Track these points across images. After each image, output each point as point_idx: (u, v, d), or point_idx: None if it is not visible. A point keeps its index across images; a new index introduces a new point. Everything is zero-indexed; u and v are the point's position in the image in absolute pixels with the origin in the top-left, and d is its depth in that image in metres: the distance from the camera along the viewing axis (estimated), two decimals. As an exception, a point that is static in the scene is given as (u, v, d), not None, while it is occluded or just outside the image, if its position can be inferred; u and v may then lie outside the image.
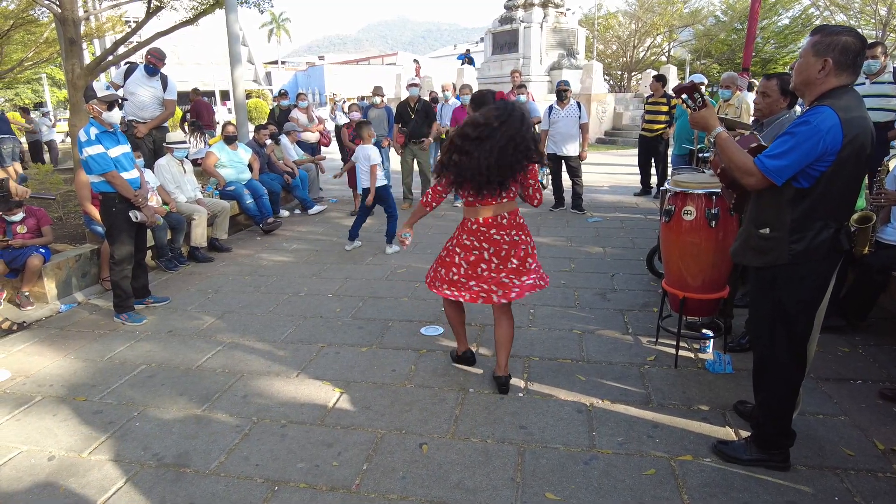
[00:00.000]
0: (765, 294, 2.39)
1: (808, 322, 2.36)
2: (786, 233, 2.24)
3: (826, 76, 2.15)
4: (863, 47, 2.12)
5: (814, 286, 2.30)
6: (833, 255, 2.26)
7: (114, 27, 12.81)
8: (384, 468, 2.57)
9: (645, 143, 8.58)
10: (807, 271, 2.27)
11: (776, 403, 2.46)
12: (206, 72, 37.30)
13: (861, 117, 2.11)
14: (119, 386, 3.39)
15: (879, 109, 5.32)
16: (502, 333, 3.19)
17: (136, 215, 4.35)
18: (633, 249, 5.95)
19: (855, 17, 23.05)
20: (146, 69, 6.30)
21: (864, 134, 2.11)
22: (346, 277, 5.30)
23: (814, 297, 2.33)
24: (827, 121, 2.07)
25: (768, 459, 2.51)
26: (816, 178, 2.15)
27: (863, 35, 2.22)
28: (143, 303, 4.67)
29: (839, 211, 2.22)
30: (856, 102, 2.15)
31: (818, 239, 2.21)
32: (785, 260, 2.26)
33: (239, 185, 6.96)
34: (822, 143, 2.07)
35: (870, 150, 2.14)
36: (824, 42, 2.14)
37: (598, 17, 28.98)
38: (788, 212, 2.23)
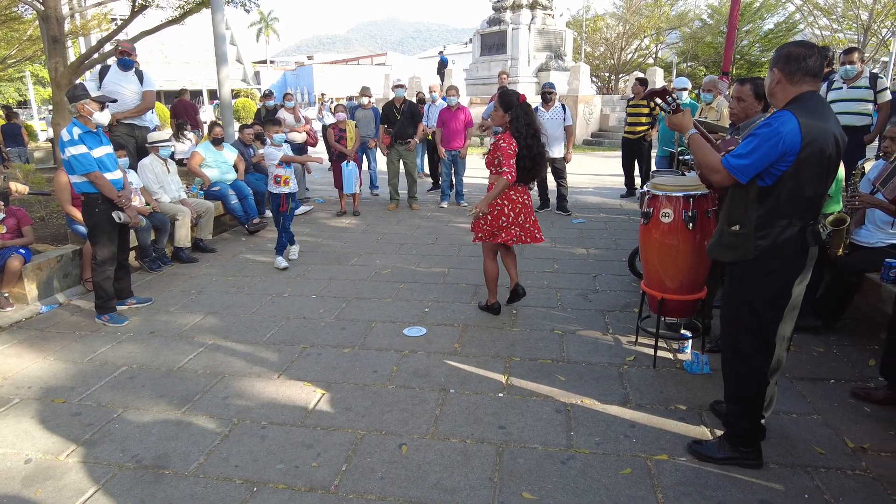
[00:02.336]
0: (734, 288, 2.51)
1: (773, 316, 2.44)
2: (752, 229, 2.36)
3: (781, 85, 2.32)
4: (809, 53, 2.24)
5: (779, 282, 2.40)
6: (799, 252, 2.36)
7: (99, 25, 12.69)
8: (363, 469, 2.58)
9: (628, 144, 8.66)
10: (773, 267, 2.38)
11: (743, 395, 2.54)
12: (195, 71, 37.02)
13: (821, 123, 2.22)
14: (99, 388, 3.38)
15: (856, 113, 5.43)
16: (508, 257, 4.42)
17: (120, 216, 4.33)
18: (615, 250, 6.01)
19: (837, 21, 23.40)
20: (120, 64, 6.21)
21: (822, 138, 2.21)
22: (331, 278, 5.30)
23: (779, 293, 2.41)
24: (787, 124, 2.19)
25: (741, 457, 2.56)
26: (778, 178, 2.27)
27: (811, 42, 2.36)
28: (126, 304, 4.65)
29: (802, 210, 2.31)
30: (819, 108, 2.26)
31: (783, 236, 2.32)
32: (752, 255, 2.38)
33: (224, 186, 6.93)
34: (781, 144, 2.19)
35: (831, 153, 2.24)
36: (774, 56, 2.35)
37: (585, 19, 29.18)
38: (754, 209, 2.35)
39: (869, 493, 2.38)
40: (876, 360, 3.47)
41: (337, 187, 8.12)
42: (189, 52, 38.38)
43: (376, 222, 7.64)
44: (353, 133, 7.94)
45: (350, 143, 7.88)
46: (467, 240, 6.55)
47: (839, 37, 23.48)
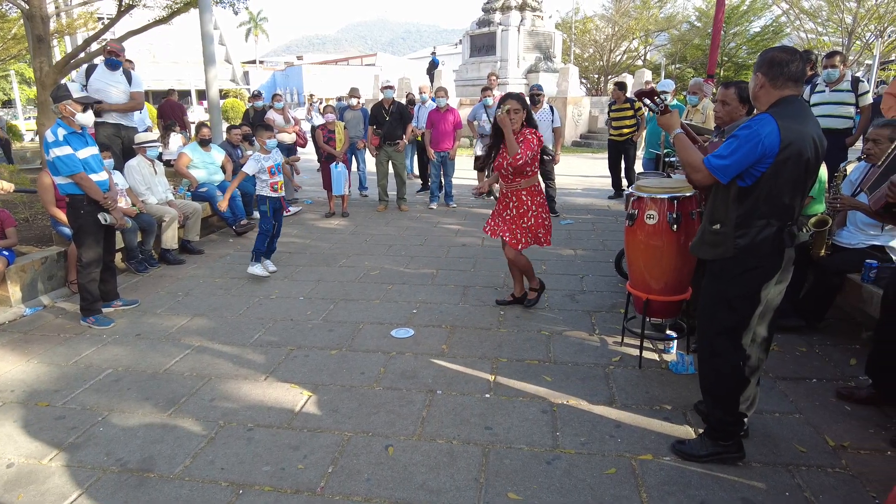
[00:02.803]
0: (712, 285, 2.57)
1: (749, 313, 2.50)
2: (731, 228, 2.42)
3: (764, 89, 2.37)
4: (791, 58, 2.30)
5: (756, 280, 2.45)
6: (776, 252, 2.41)
7: (85, 24, 12.57)
8: (349, 470, 2.59)
9: (615, 146, 8.72)
10: (751, 265, 2.43)
11: (719, 388, 2.59)
12: (183, 71, 36.74)
13: (800, 126, 2.28)
14: (83, 391, 3.35)
15: (838, 116, 5.50)
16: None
17: (106, 218, 4.30)
18: (603, 251, 6.05)
19: (822, 24, 23.68)
20: (107, 63, 6.17)
21: (800, 141, 2.26)
22: (318, 280, 5.29)
23: (755, 290, 2.46)
24: (766, 127, 2.25)
25: (723, 451, 2.60)
26: (757, 179, 2.33)
27: (795, 48, 2.41)
28: (112, 306, 4.61)
29: (780, 211, 2.36)
30: (799, 112, 2.31)
31: (761, 236, 2.38)
32: (731, 253, 2.44)
33: (211, 187, 6.90)
34: (760, 146, 2.25)
35: (809, 157, 2.29)
36: (758, 60, 2.40)
37: (574, 20, 29.30)
38: (734, 209, 2.41)
39: (848, 490, 2.42)
40: (857, 360, 3.53)
41: (326, 188, 8.11)
42: (177, 52, 38.09)
43: (365, 223, 7.64)
44: (342, 134, 7.93)
45: (339, 145, 7.87)
46: (456, 241, 6.58)
47: (824, 40, 23.78)
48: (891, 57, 22.59)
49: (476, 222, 7.53)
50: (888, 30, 21.98)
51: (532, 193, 4.20)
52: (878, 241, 3.73)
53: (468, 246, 6.37)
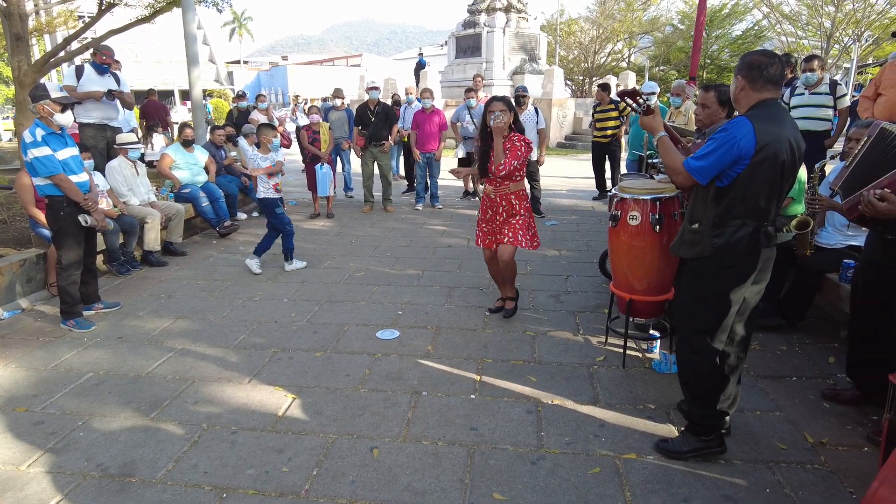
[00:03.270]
0: (690, 283, 2.63)
1: (724, 311, 2.54)
2: (709, 228, 2.47)
3: (745, 92, 2.42)
4: (770, 62, 2.36)
5: (732, 279, 2.49)
6: (751, 252, 2.45)
7: (65, 22, 12.40)
8: (334, 473, 2.58)
9: (599, 147, 8.77)
10: (727, 264, 2.48)
11: (698, 385, 2.64)
12: (167, 70, 36.29)
13: (776, 129, 2.32)
14: (63, 395, 3.30)
15: (816, 119, 5.60)
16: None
17: (87, 219, 4.24)
18: (587, 252, 6.09)
19: (802, 28, 24.06)
20: (96, 67, 6.12)
21: (776, 143, 2.31)
22: (303, 281, 5.27)
23: (731, 289, 2.50)
24: (742, 129, 2.31)
25: (704, 447, 2.64)
26: (734, 179, 2.38)
27: (775, 52, 2.48)
28: (93, 309, 4.55)
29: (756, 211, 2.41)
30: (776, 115, 2.36)
31: (737, 235, 2.42)
32: (708, 252, 2.49)
33: (195, 188, 6.83)
34: (736, 147, 2.30)
35: (785, 158, 2.33)
36: (738, 64, 2.46)
37: (559, 22, 29.46)
38: (712, 209, 2.46)
39: (827, 486, 2.46)
40: (835, 358, 3.59)
41: (310, 189, 8.07)
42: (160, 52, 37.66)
43: (350, 224, 7.61)
44: (327, 135, 7.90)
45: (324, 145, 7.83)
46: (442, 242, 6.58)
47: (804, 43, 24.16)
48: (868, 61, 23.01)
49: (462, 223, 7.54)
50: (865, 34, 22.40)
51: (520, 197, 4.15)
52: (856, 241, 3.80)
53: (454, 247, 6.38)
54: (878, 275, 2.80)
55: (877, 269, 2.80)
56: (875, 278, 2.82)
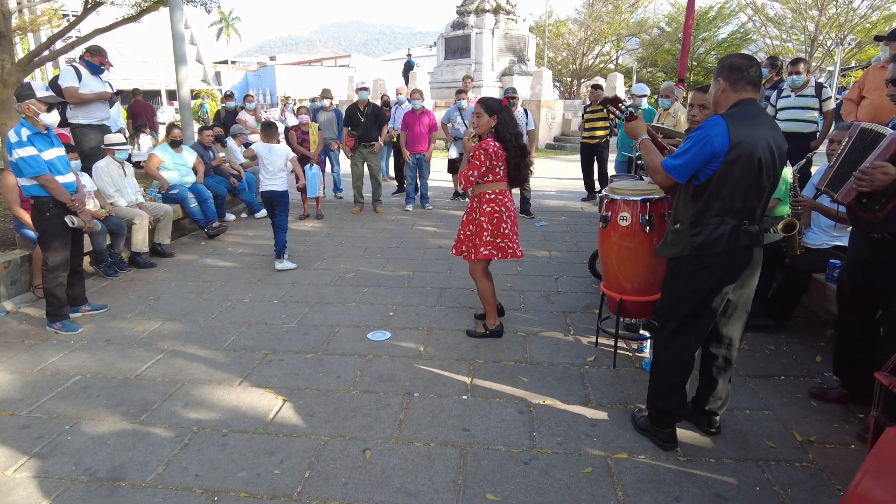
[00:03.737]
0: (669, 281, 2.70)
1: (702, 311, 2.60)
2: (688, 226, 2.52)
3: (725, 94, 2.47)
4: (750, 64, 2.43)
5: (711, 277, 2.54)
6: (731, 251, 2.49)
7: (49, 21, 12.23)
8: (326, 475, 2.56)
9: (587, 148, 8.81)
10: (706, 263, 2.53)
11: (665, 378, 2.71)
12: (153, 70, 35.95)
13: (751, 128, 2.37)
14: (50, 399, 3.25)
15: (803, 121, 5.67)
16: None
17: (73, 220, 4.19)
18: (577, 253, 6.12)
19: (787, 32, 24.36)
20: (92, 68, 6.07)
21: (750, 142, 2.36)
22: (293, 283, 5.24)
23: (709, 287, 2.56)
24: (716, 128, 2.37)
25: (652, 434, 2.77)
26: (709, 177, 2.43)
27: (750, 55, 2.52)
28: (79, 311, 4.49)
29: (734, 210, 2.45)
30: (752, 115, 2.40)
31: (715, 234, 2.46)
32: (688, 252, 2.53)
33: (183, 189, 6.78)
34: (709, 145, 2.36)
35: (761, 157, 2.37)
36: (718, 67, 2.52)
37: (548, 24, 29.57)
38: (690, 207, 2.52)
39: (815, 483, 2.49)
40: (822, 357, 3.64)
41: (299, 190, 8.03)
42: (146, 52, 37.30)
43: (340, 225, 7.59)
44: (316, 135, 7.87)
45: (313, 146, 7.80)
46: (432, 243, 6.58)
47: (788, 46, 24.46)
48: (850, 64, 23.34)
49: (452, 224, 7.54)
50: (848, 38, 22.72)
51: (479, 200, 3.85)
52: (841, 241, 3.86)
53: (444, 248, 6.37)
54: (864, 274, 2.84)
55: (863, 268, 2.84)
56: (861, 278, 2.86)
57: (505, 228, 3.83)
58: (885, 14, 21.65)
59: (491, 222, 3.81)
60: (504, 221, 3.83)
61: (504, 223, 3.83)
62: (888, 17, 21.51)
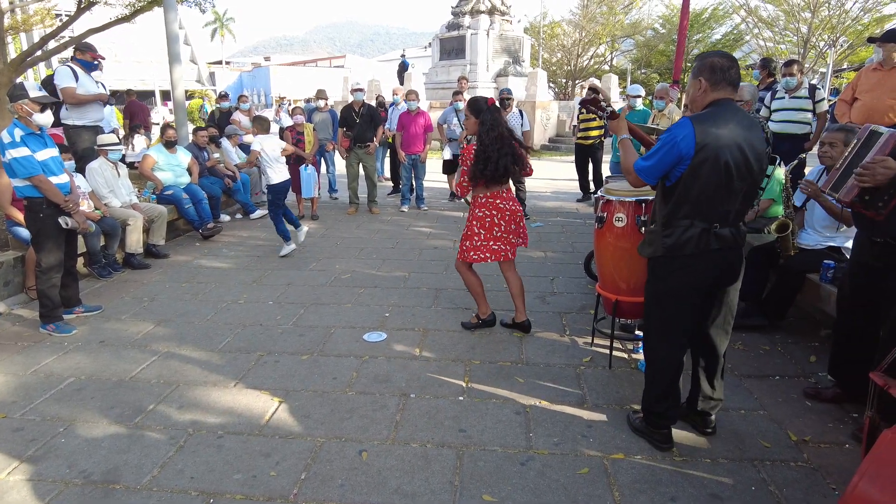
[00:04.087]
0: (649, 281, 2.71)
1: (676, 312, 2.61)
2: (660, 227, 2.55)
3: (704, 93, 2.46)
4: (731, 64, 2.42)
5: (682, 279, 2.56)
6: (701, 253, 2.49)
7: (42, 21, 12.16)
8: (323, 476, 2.56)
9: (582, 149, 8.82)
10: (677, 265, 2.55)
11: (657, 379, 2.73)
12: (146, 70, 35.80)
13: (718, 129, 2.36)
14: (43, 401, 3.23)
15: (797, 122, 5.71)
16: (515, 285, 4.04)
17: (67, 221, 4.16)
18: (572, 253, 6.13)
19: (780, 34, 24.49)
20: (86, 66, 6.04)
21: (716, 144, 2.35)
22: (288, 284, 5.23)
23: (681, 289, 2.58)
24: (683, 130, 2.37)
25: (649, 435, 2.78)
26: (678, 178, 2.45)
27: (731, 55, 2.50)
28: (73, 312, 4.46)
29: (703, 212, 2.46)
30: (722, 116, 2.39)
31: (685, 236, 2.48)
32: (660, 252, 2.55)
33: (177, 189, 6.75)
34: (676, 148, 2.38)
35: (728, 159, 2.36)
36: (698, 66, 2.49)
37: (543, 25, 29.62)
38: (662, 208, 2.55)
39: (810, 483, 2.50)
40: (816, 357, 3.66)
41: (294, 191, 7.99)
42: (140, 52, 37.14)
43: (335, 226, 7.58)
44: (311, 136, 7.86)
45: (308, 147, 7.79)
46: (428, 244, 6.58)
47: (781, 48, 24.59)
48: (843, 65, 23.50)
49: (448, 225, 7.55)
50: (840, 39, 22.87)
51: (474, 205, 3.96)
52: (835, 242, 3.88)
53: (440, 248, 6.38)
54: (866, 277, 2.84)
55: (865, 271, 2.84)
56: (863, 280, 2.87)
57: (497, 231, 3.89)
58: (877, 16, 21.80)
59: (483, 226, 3.89)
60: (497, 224, 3.89)
61: (497, 226, 3.89)
62: (879, 19, 21.66)
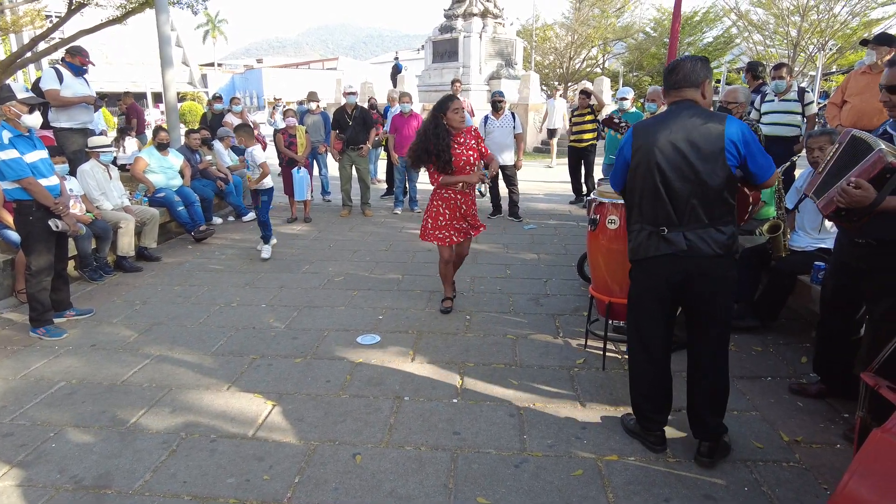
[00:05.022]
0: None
1: (639, 315, 2.67)
2: (628, 232, 2.63)
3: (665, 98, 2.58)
4: (668, 72, 2.50)
5: (643, 283, 2.62)
6: (653, 258, 2.50)
7: (32, 22, 12.08)
8: (316, 480, 2.55)
9: (575, 151, 8.86)
10: (638, 269, 2.64)
11: (635, 383, 2.79)
12: (138, 72, 35.65)
13: (655, 130, 2.40)
14: (34, 405, 3.20)
15: (786, 125, 5.76)
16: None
17: (57, 224, 4.13)
18: (565, 255, 6.14)
19: (770, 37, 24.70)
20: (74, 69, 6.00)
21: (647, 147, 2.41)
22: (281, 287, 5.21)
23: (642, 293, 2.64)
24: (626, 137, 2.50)
25: (642, 437, 2.80)
26: (625, 183, 2.57)
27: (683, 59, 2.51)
28: (64, 316, 4.43)
29: (646, 215, 2.51)
30: (668, 117, 2.45)
31: (637, 240, 2.56)
32: (629, 256, 2.64)
33: (169, 192, 6.71)
34: (622, 154, 2.52)
35: (659, 160, 2.39)
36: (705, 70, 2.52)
37: (535, 28, 29.74)
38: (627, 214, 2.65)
39: (802, 483, 2.52)
40: (808, 358, 3.68)
41: (287, 193, 7.99)
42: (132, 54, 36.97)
43: (328, 229, 7.56)
44: (304, 138, 7.84)
45: (300, 149, 7.77)
46: (422, 246, 6.57)
47: (771, 51, 24.80)
48: (832, 69, 23.71)
49: (441, 227, 7.54)
50: (829, 43, 23.09)
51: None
52: (826, 243, 3.91)
53: (433, 251, 6.36)
54: (848, 277, 2.87)
55: (848, 271, 2.87)
56: (845, 281, 2.90)
57: (442, 221, 4.34)
58: (865, 20, 22.04)
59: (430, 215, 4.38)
60: (441, 214, 4.34)
61: (441, 216, 4.34)
62: (867, 23, 21.90)
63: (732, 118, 2.40)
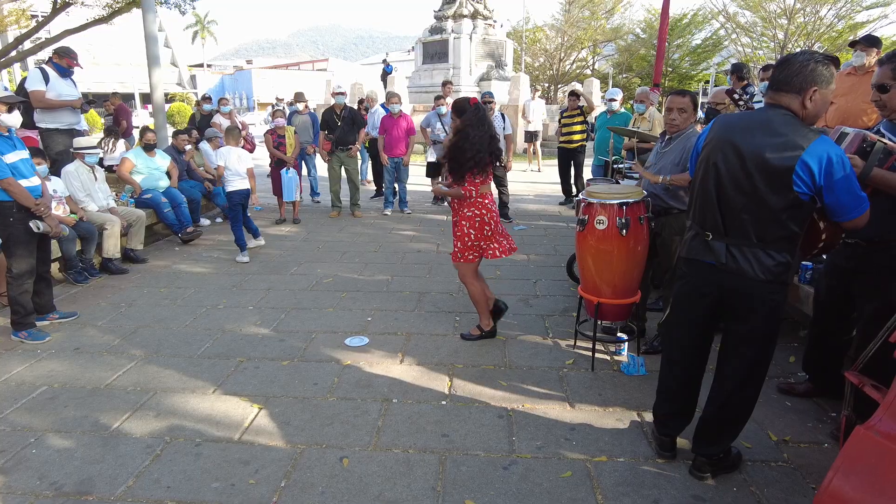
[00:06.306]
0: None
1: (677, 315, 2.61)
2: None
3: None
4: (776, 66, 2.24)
5: (683, 286, 2.57)
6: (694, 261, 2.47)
7: (17, 21, 11.93)
8: (303, 484, 2.51)
9: (564, 153, 8.88)
10: (683, 269, 2.57)
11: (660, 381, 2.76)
12: (126, 73, 35.34)
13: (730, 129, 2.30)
14: (14, 410, 3.14)
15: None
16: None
17: (39, 225, 4.06)
18: (555, 256, 6.14)
19: (757, 39, 24.93)
20: (61, 71, 5.92)
21: (716, 142, 2.32)
22: (269, 288, 5.16)
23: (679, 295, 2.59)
24: (708, 125, 2.46)
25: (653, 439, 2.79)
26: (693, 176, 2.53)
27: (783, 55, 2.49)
28: (47, 319, 4.36)
29: (697, 214, 2.47)
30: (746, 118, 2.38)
31: (687, 237, 2.53)
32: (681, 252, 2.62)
33: (156, 193, 6.64)
34: (699, 141, 2.49)
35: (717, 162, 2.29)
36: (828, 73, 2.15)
37: (525, 30, 29.81)
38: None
39: (790, 482, 2.52)
40: (796, 357, 3.70)
41: (276, 194, 7.94)
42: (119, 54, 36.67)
43: (317, 230, 7.51)
44: (293, 139, 7.80)
45: (289, 150, 7.73)
46: (411, 247, 6.55)
47: (759, 53, 25.02)
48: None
49: (431, 228, 7.53)
50: (815, 46, 23.32)
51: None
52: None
53: (423, 252, 6.35)
54: (840, 278, 2.89)
55: (839, 272, 2.89)
56: (837, 281, 2.92)
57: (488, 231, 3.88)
58: (850, 23, 22.31)
59: (473, 227, 3.86)
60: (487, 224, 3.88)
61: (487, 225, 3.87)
62: (852, 25, 22.17)
63: (827, 139, 2.06)
